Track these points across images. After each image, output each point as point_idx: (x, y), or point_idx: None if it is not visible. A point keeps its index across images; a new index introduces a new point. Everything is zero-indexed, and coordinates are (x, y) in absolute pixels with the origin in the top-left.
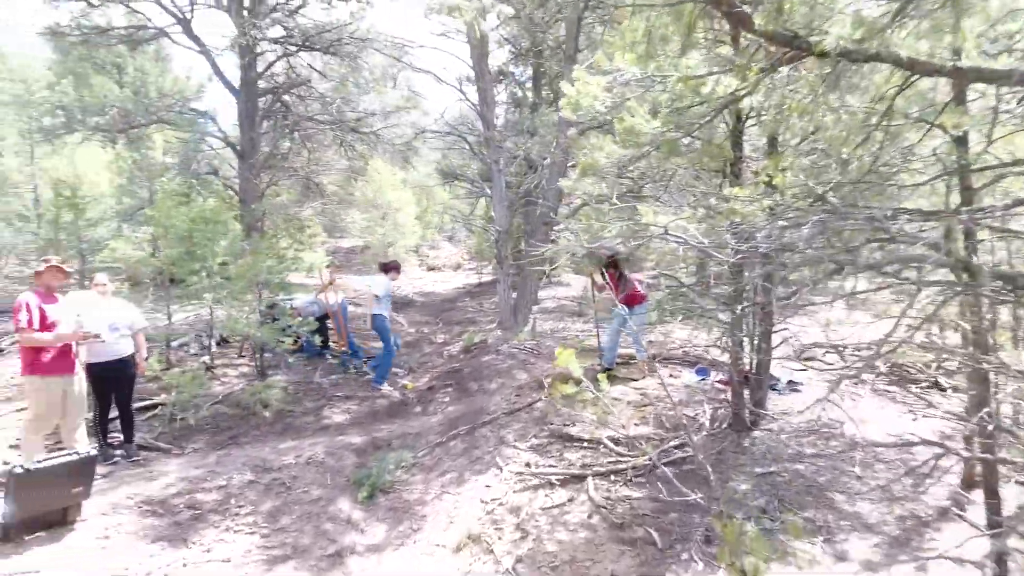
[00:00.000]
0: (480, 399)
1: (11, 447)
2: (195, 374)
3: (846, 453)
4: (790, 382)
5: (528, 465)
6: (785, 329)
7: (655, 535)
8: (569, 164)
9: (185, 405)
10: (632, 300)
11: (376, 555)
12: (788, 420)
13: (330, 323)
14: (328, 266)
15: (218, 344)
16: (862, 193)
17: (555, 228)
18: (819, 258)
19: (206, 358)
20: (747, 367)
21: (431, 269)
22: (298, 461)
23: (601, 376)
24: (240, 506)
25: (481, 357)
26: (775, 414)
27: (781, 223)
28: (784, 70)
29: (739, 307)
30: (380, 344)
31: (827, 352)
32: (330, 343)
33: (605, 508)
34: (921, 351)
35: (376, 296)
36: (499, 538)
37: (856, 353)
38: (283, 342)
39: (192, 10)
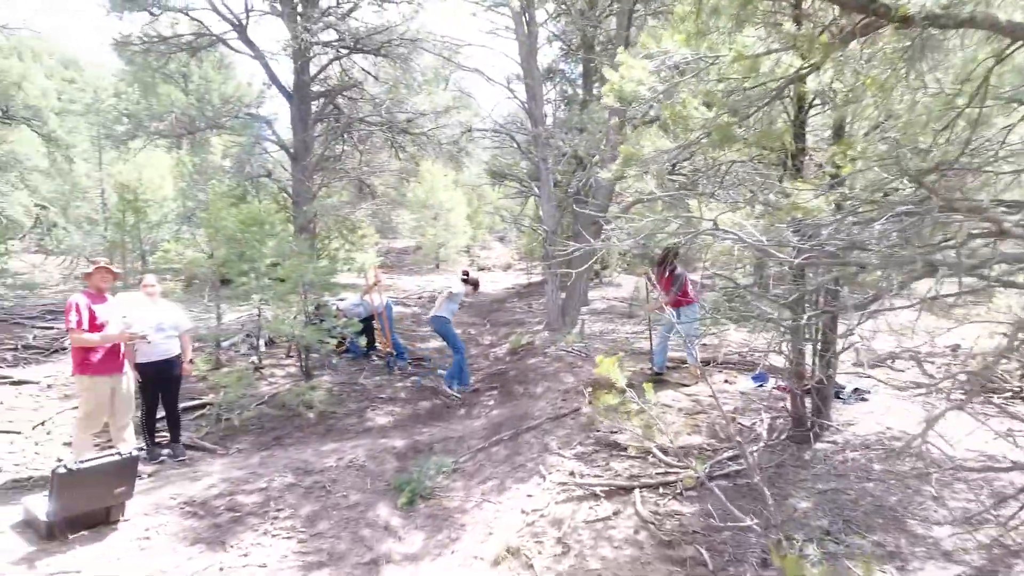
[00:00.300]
0: (525, 403)
1: (65, 444)
2: (241, 374)
3: (921, 471)
4: (856, 390)
5: (572, 474)
6: (851, 334)
7: (706, 555)
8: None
9: (231, 405)
10: (680, 302)
11: (412, 565)
12: (854, 432)
13: (376, 323)
14: (380, 266)
15: (267, 344)
16: (943, 183)
17: (606, 227)
18: (909, 258)
19: (254, 358)
20: (809, 373)
21: (481, 269)
22: (339, 464)
23: (647, 385)
24: (279, 509)
25: (527, 359)
26: (839, 425)
27: (851, 219)
28: (855, 44)
29: (801, 310)
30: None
31: (898, 360)
32: (376, 344)
33: (653, 524)
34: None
35: (452, 293)
36: (539, 552)
37: (930, 359)
38: (327, 343)
39: (247, 16)
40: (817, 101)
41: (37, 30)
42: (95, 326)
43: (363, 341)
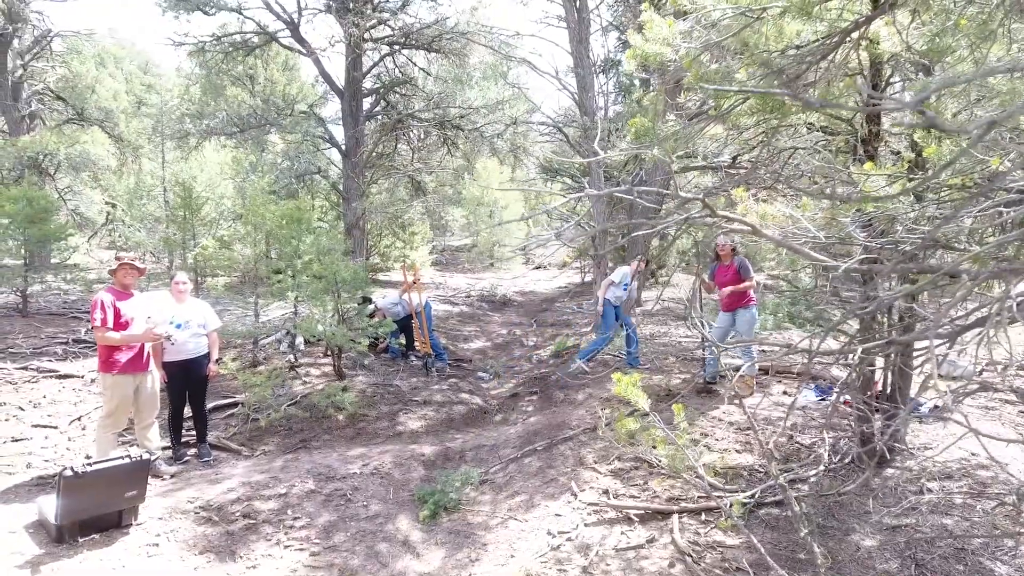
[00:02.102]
0: (564, 411)
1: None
2: (271, 373)
3: (1011, 507)
4: (935, 408)
5: (606, 493)
6: (934, 349)
7: None
8: (676, 154)
9: (260, 405)
10: (736, 302)
11: None
12: (932, 458)
13: (415, 323)
14: (432, 264)
15: (306, 343)
16: None
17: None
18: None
19: (290, 357)
20: (879, 387)
21: (537, 268)
22: (363, 471)
23: (677, 407)
24: (296, 518)
25: (571, 364)
26: (914, 448)
27: (932, 210)
28: None
29: (871, 319)
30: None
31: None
32: (415, 344)
33: (691, 556)
34: None
35: (613, 282)
36: None
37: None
38: (359, 343)
39: (300, 14)
40: (896, 77)
41: (118, 37)
42: (120, 324)
43: (398, 341)
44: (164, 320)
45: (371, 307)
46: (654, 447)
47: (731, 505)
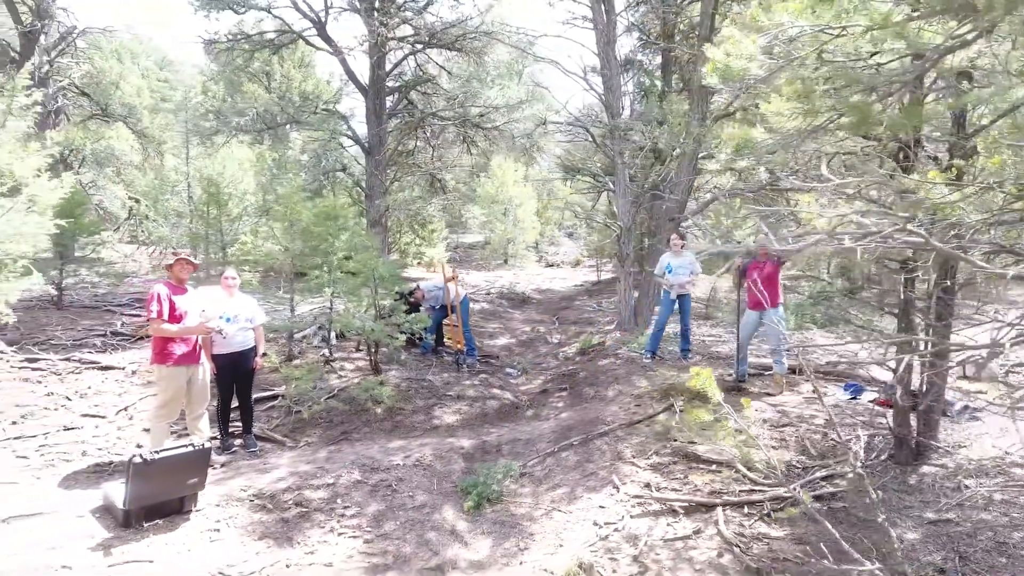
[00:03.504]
0: (596, 407)
1: (145, 430)
2: (311, 367)
3: None
4: (966, 407)
5: (648, 486)
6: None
7: None
8: (700, 155)
9: (301, 398)
10: (761, 303)
11: (479, 573)
12: (967, 455)
13: (446, 320)
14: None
15: (338, 338)
16: None
17: (683, 224)
18: None
19: (325, 351)
20: (914, 386)
21: (550, 266)
22: (406, 462)
23: (745, 400)
24: (346, 507)
25: (598, 361)
26: (948, 446)
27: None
28: None
29: (907, 318)
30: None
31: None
32: (444, 340)
33: (738, 546)
34: None
35: (658, 276)
36: (613, 571)
37: None
38: (396, 338)
39: (327, 13)
40: (939, 83)
41: (135, 33)
42: (174, 317)
43: (431, 337)
44: (216, 314)
45: (411, 286)
46: (724, 438)
47: (799, 492)
